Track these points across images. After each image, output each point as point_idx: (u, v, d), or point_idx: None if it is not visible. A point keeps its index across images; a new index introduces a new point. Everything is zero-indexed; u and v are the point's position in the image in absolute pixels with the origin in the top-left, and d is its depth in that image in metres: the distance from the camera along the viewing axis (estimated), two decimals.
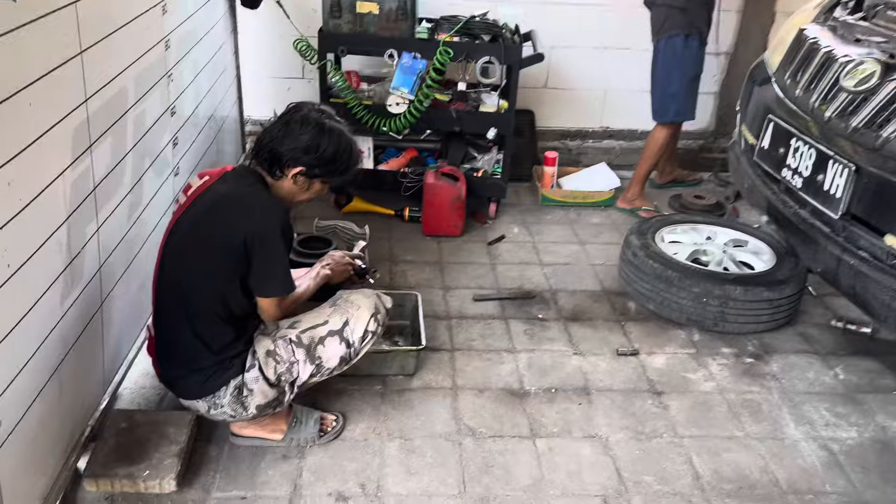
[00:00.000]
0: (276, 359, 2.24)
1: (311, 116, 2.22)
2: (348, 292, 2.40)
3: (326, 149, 2.20)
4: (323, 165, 2.22)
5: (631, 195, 4.31)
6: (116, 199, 2.31)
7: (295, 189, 2.26)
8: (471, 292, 3.43)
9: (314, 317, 2.31)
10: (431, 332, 3.09)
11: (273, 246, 2.14)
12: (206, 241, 2.16)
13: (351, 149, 2.28)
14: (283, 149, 2.18)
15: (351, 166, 2.31)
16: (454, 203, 3.85)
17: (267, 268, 2.16)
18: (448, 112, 3.86)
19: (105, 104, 2.15)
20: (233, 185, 2.21)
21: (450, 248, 3.84)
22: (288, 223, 2.20)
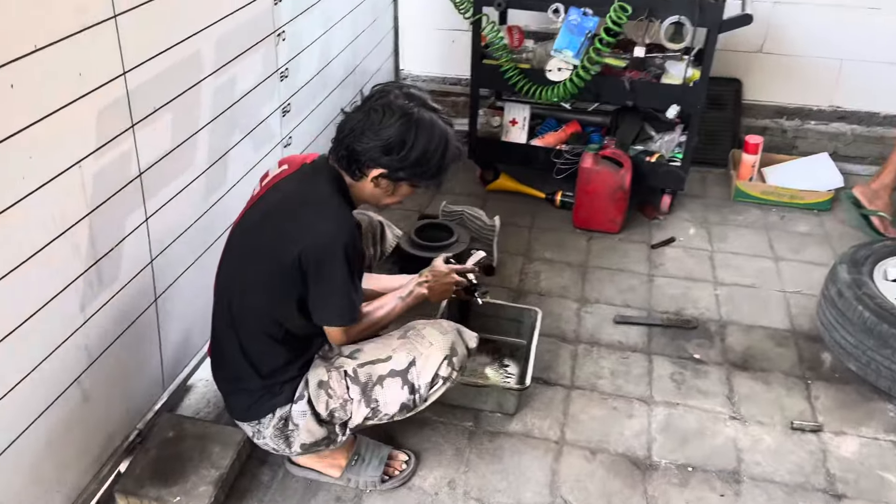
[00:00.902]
0: (329, 393, 1.86)
1: (397, 104, 1.75)
2: (423, 323, 1.94)
3: (413, 147, 1.74)
4: (409, 168, 1.77)
5: (876, 186, 3.32)
6: (180, 183, 2.01)
7: (378, 192, 1.83)
8: (613, 310, 2.81)
9: (378, 348, 1.88)
10: (550, 358, 2.55)
11: (332, 269, 1.73)
12: (257, 250, 1.80)
13: (445, 146, 1.79)
14: (360, 146, 1.74)
15: (444, 168, 1.82)
16: (614, 194, 3.20)
17: (323, 294, 1.77)
18: (620, 81, 3.17)
19: (157, 76, 1.82)
20: (300, 186, 1.82)
21: (601, 247, 3.22)
22: (355, 242, 1.77)
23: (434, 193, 1.88)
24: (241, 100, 2.26)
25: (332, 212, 1.75)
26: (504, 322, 2.60)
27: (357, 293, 1.80)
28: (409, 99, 1.77)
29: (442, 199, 3.34)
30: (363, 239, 2.28)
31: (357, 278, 1.80)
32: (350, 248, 1.74)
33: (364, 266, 1.87)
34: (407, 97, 1.78)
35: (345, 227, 1.74)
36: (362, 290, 1.84)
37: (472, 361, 2.48)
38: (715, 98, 3.81)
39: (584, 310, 2.82)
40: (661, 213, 3.44)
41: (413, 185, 1.84)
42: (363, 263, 1.84)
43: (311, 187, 1.80)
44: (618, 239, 3.27)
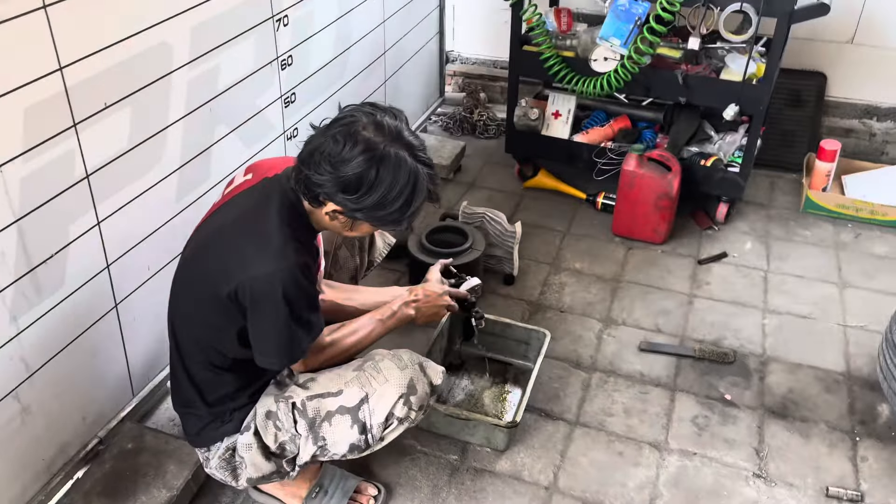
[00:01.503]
0: (278, 425, 1.69)
1: (362, 136, 1.49)
2: (383, 354, 1.73)
3: (371, 189, 1.49)
4: (365, 210, 1.53)
5: None
6: (144, 183, 1.87)
7: (337, 225, 1.61)
8: (640, 335, 2.52)
9: (331, 380, 1.69)
10: (559, 387, 2.30)
11: (268, 311, 1.54)
12: (195, 278, 1.63)
13: (412, 191, 1.52)
14: (316, 178, 1.50)
15: (407, 215, 1.56)
16: (658, 201, 2.87)
17: (260, 334, 1.58)
18: (672, 75, 2.82)
19: (108, 71, 1.67)
20: (249, 210, 1.61)
21: (640, 259, 2.90)
22: (299, 283, 1.54)
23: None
24: (227, 91, 2.09)
25: (274, 249, 1.53)
26: (511, 342, 2.36)
27: (304, 330, 1.60)
28: (378, 131, 1.51)
29: (469, 195, 3.11)
30: (349, 245, 2.09)
31: (304, 317, 1.58)
32: (291, 290, 1.52)
33: (318, 295, 1.65)
34: (376, 128, 1.51)
35: (285, 269, 1.51)
36: (317, 321, 1.63)
37: (474, 382, 2.28)
38: (793, 93, 3.38)
39: (608, 332, 2.54)
40: (717, 224, 3.08)
41: (374, 225, 1.62)
42: (313, 296, 1.61)
43: (260, 214, 1.58)
44: (661, 251, 2.94)
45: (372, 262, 2.15)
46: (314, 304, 1.61)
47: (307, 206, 1.60)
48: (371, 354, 1.73)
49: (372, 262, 2.15)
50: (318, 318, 1.63)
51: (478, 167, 3.50)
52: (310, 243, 1.65)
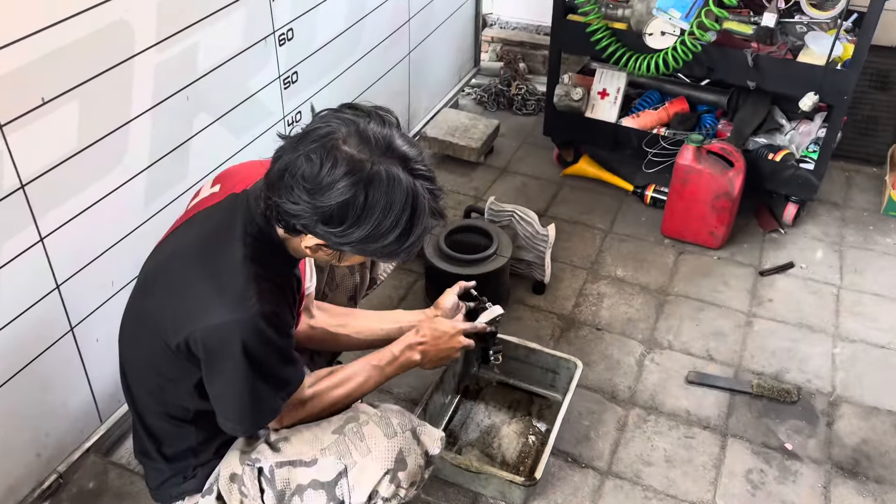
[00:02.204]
0: (243, 491, 1.41)
1: (344, 153, 1.15)
2: (370, 414, 1.42)
3: (360, 220, 1.16)
4: (354, 244, 1.20)
5: None
6: (100, 189, 1.59)
7: (322, 256, 1.29)
8: (689, 363, 2.18)
9: (307, 442, 1.39)
10: (590, 424, 1.98)
11: (226, 370, 1.24)
12: (143, 316, 1.33)
13: (411, 218, 1.19)
14: (289, 206, 1.18)
15: (403, 248, 1.23)
16: (717, 201, 2.48)
17: (218, 394, 1.29)
18: (741, 55, 2.40)
19: (38, 61, 1.36)
20: (210, 234, 1.30)
21: (693, 267, 2.53)
22: (264, 335, 1.23)
23: None
24: (209, 75, 1.78)
25: (234, 293, 1.22)
26: (536, 369, 2.04)
27: (274, 388, 1.30)
28: (363, 144, 1.16)
29: (501, 182, 2.76)
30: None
31: (274, 373, 1.29)
32: (254, 345, 1.22)
33: (290, 344, 1.34)
34: (360, 140, 1.16)
35: (245, 320, 1.20)
36: (293, 375, 1.34)
37: (491, 415, 1.98)
38: (880, 74, 2.91)
39: (650, 357, 2.20)
40: (784, 226, 2.68)
41: (366, 256, 1.30)
42: (284, 349, 1.29)
43: (220, 243, 1.27)
44: (717, 257, 2.57)
45: (374, 279, 1.84)
46: (287, 357, 1.31)
47: (282, 234, 1.29)
48: (355, 411, 1.43)
49: (374, 279, 1.84)
50: (294, 370, 1.34)
51: (512, 149, 3.13)
52: (285, 278, 1.34)
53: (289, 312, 1.32)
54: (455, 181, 2.92)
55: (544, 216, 2.74)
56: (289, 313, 1.32)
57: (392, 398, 2.04)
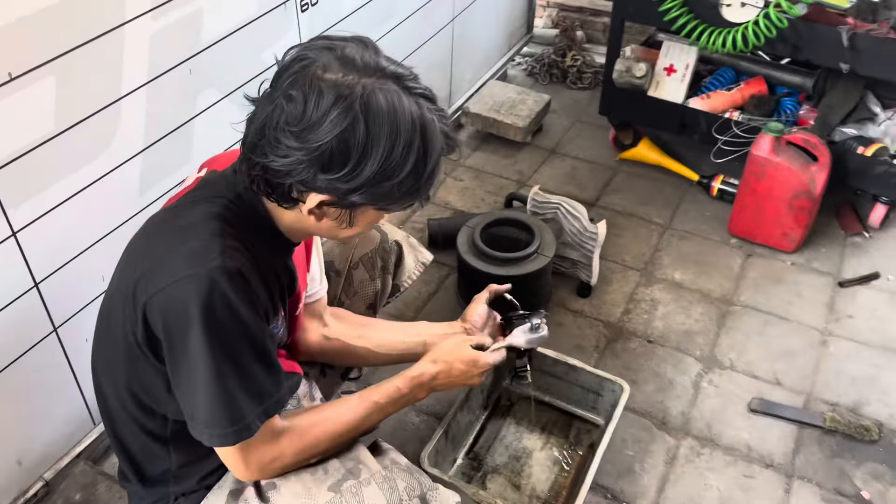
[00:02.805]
0: None
1: (327, 81, 0.95)
2: (372, 470, 1.19)
3: (365, 154, 0.96)
4: (366, 187, 0.99)
5: None
6: (85, 177, 1.39)
7: (328, 226, 1.08)
8: (753, 387, 1.91)
9: (297, 496, 1.18)
10: (635, 454, 1.75)
11: (184, 345, 1.01)
12: (106, 308, 1.15)
13: (423, 142, 0.99)
14: (278, 162, 0.98)
15: (423, 182, 1.03)
16: (795, 199, 2.18)
17: (182, 387, 1.06)
18: (835, 33, 2.07)
19: (7, 28, 1.16)
20: (177, 206, 1.10)
21: (763, 273, 2.25)
22: (229, 300, 0.99)
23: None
24: (216, 45, 1.56)
25: (193, 246, 1.00)
26: (576, 388, 1.81)
27: (244, 388, 1.05)
28: (347, 67, 0.97)
29: (548, 164, 2.50)
30: (368, 264, 1.56)
31: (244, 364, 1.04)
32: (218, 309, 0.98)
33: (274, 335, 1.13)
34: (343, 64, 0.97)
35: (203, 272, 0.97)
36: (269, 383, 1.08)
37: (522, 437, 1.75)
38: None
39: (709, 378, 1.94)
40: (867, 229, 2.36)
41: (381, 208, 1.08)
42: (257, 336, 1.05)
43: (188, 208, 1.07)
44: (790, 263, 2.28)
45: (398, 286, 1.62)
46: (264, 352, 1.06)
47: (271, 209, 1.08)
48: (356, 461, 1.21)
49: (398, 286, 1.62)
50: (273, 378, 1.09)
51: (563, 128, 2.85)
52: (269, 258, 1.11)
53: (267, 298, 1.09)
54: (497, 163, 2.66)
55: (595, 206, 2.48)
56: (267, 298, 1.09)
57: (413, 410, 1.84)
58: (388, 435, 1.79)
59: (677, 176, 2.58)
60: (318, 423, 1.21)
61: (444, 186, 2.56)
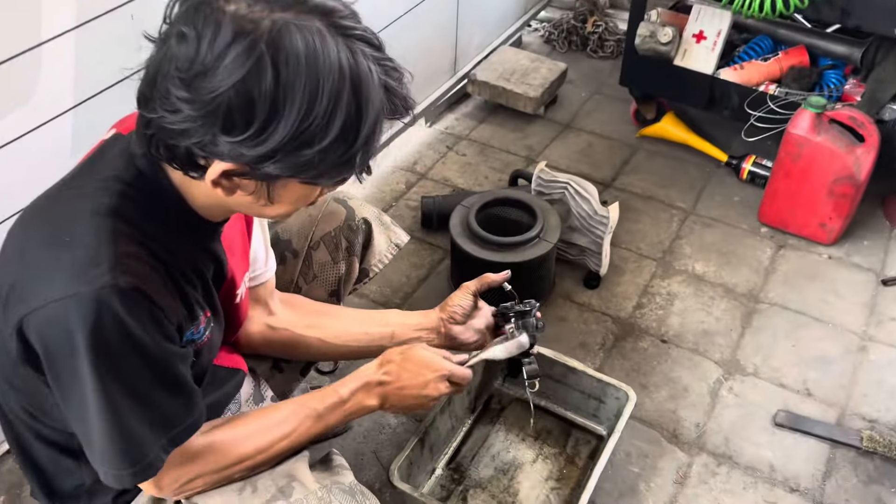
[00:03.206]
0: None
1: (229, 14, 0.73)
2: (308, 489, 0.99)
3: (274, 111, 0.74)
4: (280, 157, 0.76)
5: None
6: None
7: (242, 201, 0.85)
8: (780, 398, 1.68)
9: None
10: (640, 473, 1.53)
11: (69, 374, 0.82)
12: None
13: (354, 96, 0.76)
14: (170, 120, 0.76)
15: (357, 149, 0.79)
16: (836, 185, 1.93)
17: (73, 416, 0.87)
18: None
19: None
20: (62, 186, 0.89)
21: (795, 267, 2.00)
22: (121, 323, 0.79)
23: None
24: None
25: (78, 256, 0.80)
26: (576, 393, 1.59)
27: (146, 420, 0.86)
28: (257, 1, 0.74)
29: (561, 140, 2.25)
30: (330, 245, 1.34)
31: (143, 391, 0.85)
32: (105, 332, 0.79)
33: (184, 354, 0.91)
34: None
35: (89, 291, 0.78)
36: (177, 408, 0.90)
37: (512, 447, 1.53)
38: None
39: (730, 385, 1.71)
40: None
41: (308, 182, 0.84)
42: (160, 359, 0.85)
43: (74, 194, 0.86)
44: (827, 256, 2.02)
45: (366, 271, 1.40)
46: (168, 375, 0.87)
47: (180, 184, 0.86)
48: (290, 478, 1.01)
49: (366, 271, 1.40)
50: (182, 402, 0.90)
51: (580, 100, 2.61)
52: (184, 255, 0.90)
53: (181, 304, 0.89)
54: (504, 137, 2.43)
55: (610, 187, 2.24)
56: (181, 305, 0.89)
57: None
58: (361, 437, 1.59)
59: (703, 156, 2.32)
60: (245, 437, 1.01)
61: (442, 161, 2.33)
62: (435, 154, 2.36)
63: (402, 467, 1.37)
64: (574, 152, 2.37)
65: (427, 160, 2.33)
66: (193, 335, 0.95)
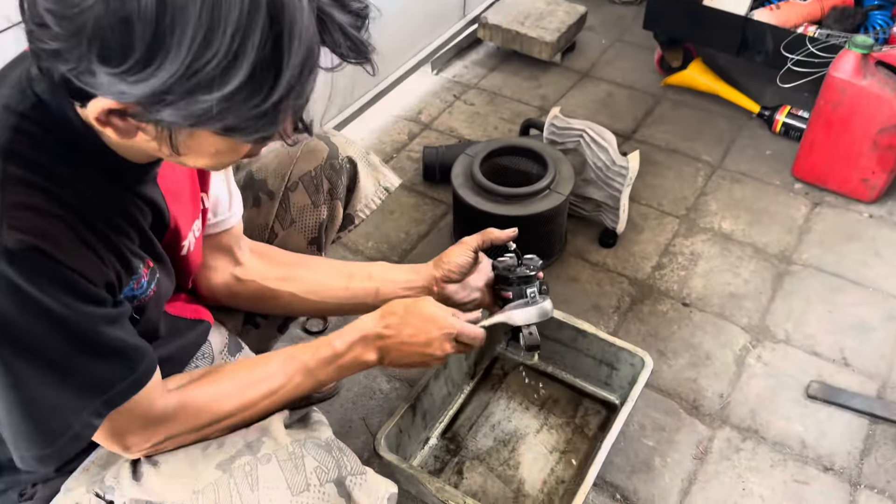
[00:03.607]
0: None
1: None
2: (280, 442, 0.86)
3: (160, 43, 0.56)
4: (172, 99, 0.59)
5: None
6: None
7: (150, 148, 0.69)
8: (813, 367, 1.52)
9: (177, 474, 0.86)
10: (655, 447, 1.38)
11: None
12: None
13: (274, 26, 0.58)
14: (46, 42, 0.59)
15: (274, 97, 0.60)
16: (881, 135, 1.74)
17: None
18: None
19: None
20: None
21: (832, 226, 1.82)
22: (11, 288, 0.65)
23: None
24: None
25: None
26: (586, 359, 1.45)
27: (65, 395, 0.73)
28: None
29: (579, 89, 2.08)
30: (311, 186, 1.19)
31: (63, 356, 0.72)
32: (3, 307, 0.66)
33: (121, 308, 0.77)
34: None
35: None
36: (110, 369, 0.76)
37: (514, 416, 1.39)
38: None
39: (758, 353, 1.55)
40: None
41: (221, 134, 0.65)
42: (83, 314, 0.71)
43: None
44: (868, 215, 1.84)
45: (351, 217, 1.25)
46: (88, 338, 0.73)
47: (82, 114, 0.70)
48: (261, 431, 0.89)
49: (351, 217, 1.25)
50: (116, 362, 0.77)
51: (601, 47, 2.42)
52: (115, 196, 0.76)
53: (115, 262, 0.75)
54: (517, 86, 2.25)
55: (631, 139, 2.06)
56: (114, 263, 0.75)
57: (382, 374, 1.50)
58: (350, 402, 1.46)
59: (733, 106, 2.14)
60: (225, 394, 0.89)
61: (449, 111, 2.16)
62: (441, 103, 2.19)
63: (389, 436, 1.24)
64: (592, 102, 2.20)
65: (432, 109, 2.17)
66: (135, 290, 0.81)
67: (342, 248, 1.75)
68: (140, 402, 0.81)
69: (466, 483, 1.33)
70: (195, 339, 1.04)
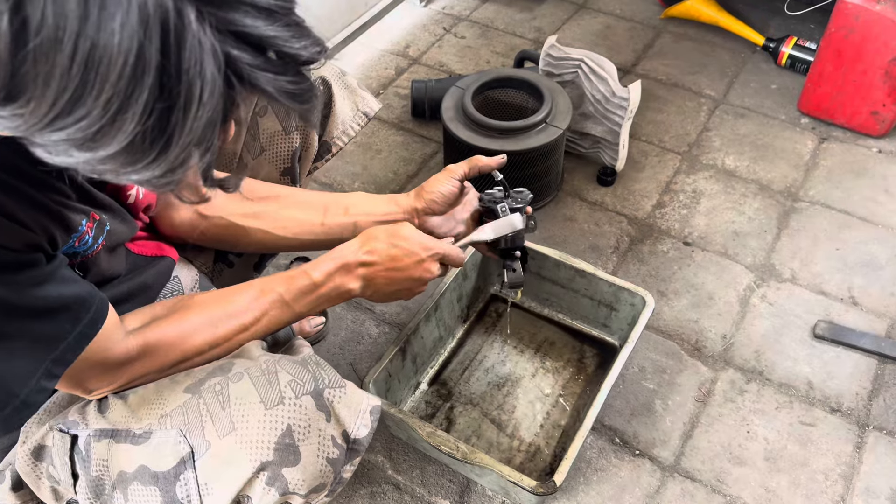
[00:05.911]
0: (52, 473, 0.85)
1: None
2: (253, 360, 0.79)
3: (26, 87, 0.45)
4: (36, 136, 0.48)
5: None
6: None
7: None
8: (820, 306, 1.45)
9: (144, 402, 0.80)
10: (656, 390, 1.33)
11: None
12: None
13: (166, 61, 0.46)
14: None
15: (168, 155, 0.50)
16: (893, 63, 1.65)
17: None
18: None
19: None
20: None
21: (840, 161, 1.74)
22: None
23: None
24: None
25: None
26: (584, 300, 1.38)
27: (14, 359, 0.67)
28: None
29: (575, 21, 1.97)
30: (281, 112, 1.10)
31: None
32: None
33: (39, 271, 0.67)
34: None
35: None
36: (55, 333, 0.69)
37: (509, 357, 1.33)
38: None
39: (762, 293, 1.48)
40: None
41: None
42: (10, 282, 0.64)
43: None
44: (877, 150, 1.76)
45: (327, 145, 1.16)
46: (22, 305, 0.65)
47: None
48: (233, 356, 0.83)
49: (327, 145, 1.16)
50: (58, 319, 0.69)
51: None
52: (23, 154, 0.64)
53: (46, 222, 0.67)
54: (511, 18, 2.14)
55: (630, 73, 1.97)
56: (45, 223, 0.67)
57: (370, 318, 1.43)
58: (337, 347, 1.39)
59: (737, 39, 2.04)
60: (193, 330, 0.82)
61: (438, 45, 2.05)
62: (430, 36, 2.08)
63: (378, 380, 1.17)
64: (589, 34, 2.09)
65: (421, 43, 2.06)
66: (76, 247, 0.74)
67: (326, 189, 1.66)
68: (96, 351, 0.75)
69: (459, 428, 1.27)
70: (156, 276, 0.95)
